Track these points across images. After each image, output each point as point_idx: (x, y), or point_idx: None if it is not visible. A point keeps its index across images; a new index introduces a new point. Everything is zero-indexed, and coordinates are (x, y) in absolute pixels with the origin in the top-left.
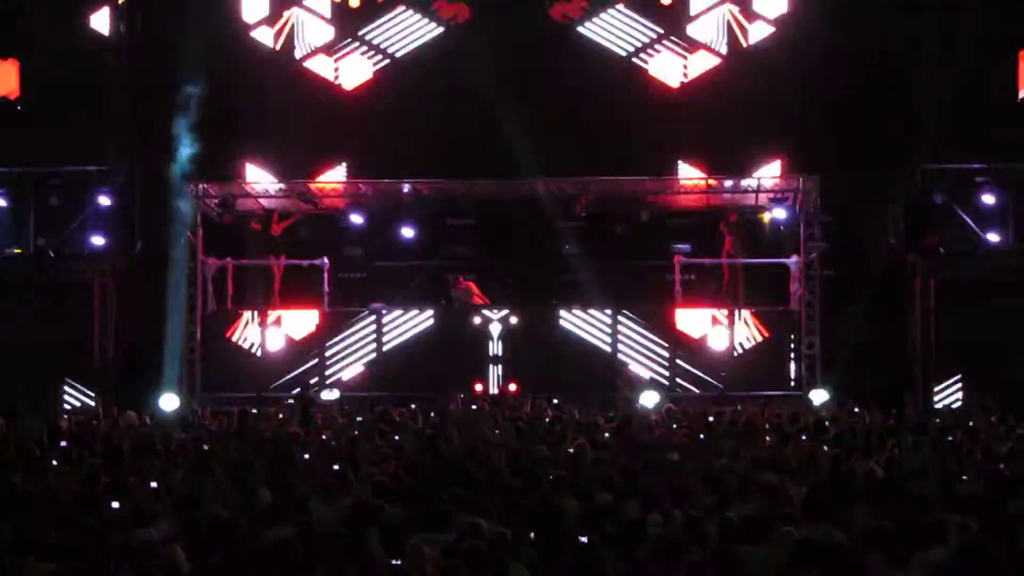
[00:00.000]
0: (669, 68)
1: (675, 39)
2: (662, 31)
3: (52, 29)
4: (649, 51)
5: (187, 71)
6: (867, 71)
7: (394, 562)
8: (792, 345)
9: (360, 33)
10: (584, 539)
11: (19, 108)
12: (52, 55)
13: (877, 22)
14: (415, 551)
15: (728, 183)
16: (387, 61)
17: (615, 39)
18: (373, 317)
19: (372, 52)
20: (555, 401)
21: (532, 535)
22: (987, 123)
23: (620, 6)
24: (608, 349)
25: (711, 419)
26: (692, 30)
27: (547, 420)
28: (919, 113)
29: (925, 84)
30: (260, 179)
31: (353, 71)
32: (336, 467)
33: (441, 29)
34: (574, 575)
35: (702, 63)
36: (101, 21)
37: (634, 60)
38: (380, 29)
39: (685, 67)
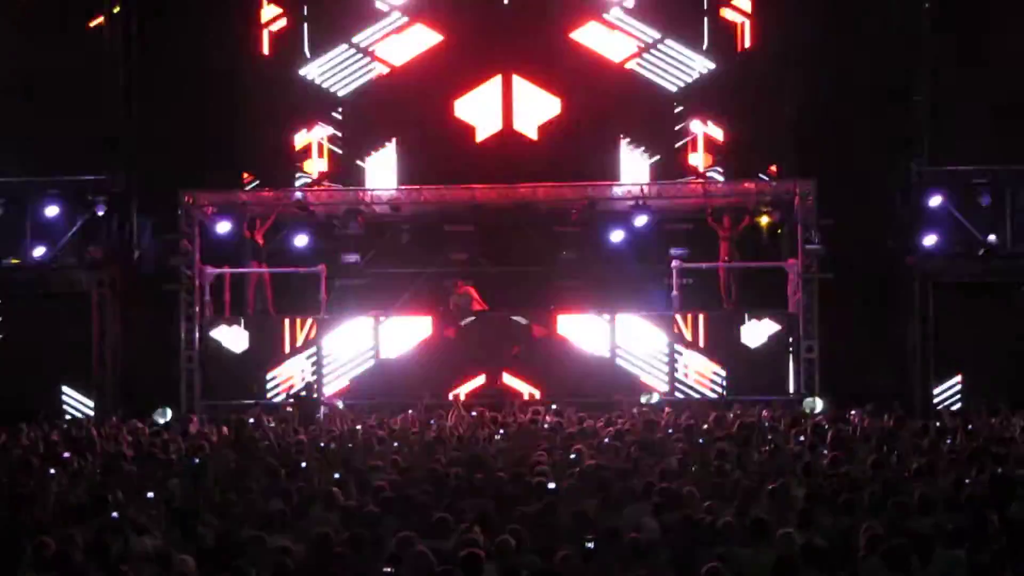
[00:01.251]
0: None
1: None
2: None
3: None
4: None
5: (183, 79)
6: (865, 72)
7: (387, 570)
8: (791, 349)
9: (355, 41)
10: (582, 545)
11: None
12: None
13: (877, 26)
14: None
15: (725, 187)
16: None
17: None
18: (372, 323)
19: (365, 58)
20: (554, 406)
21: (531, 542)
22: (987, 124)
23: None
24: (607, 354)
25: (708, 423)
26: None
27: (545, 425)
28: (918, 114)
29: (925, 84)
30: (255, 187)
31: (348, 78)
32: (336, 475)
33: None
34: None
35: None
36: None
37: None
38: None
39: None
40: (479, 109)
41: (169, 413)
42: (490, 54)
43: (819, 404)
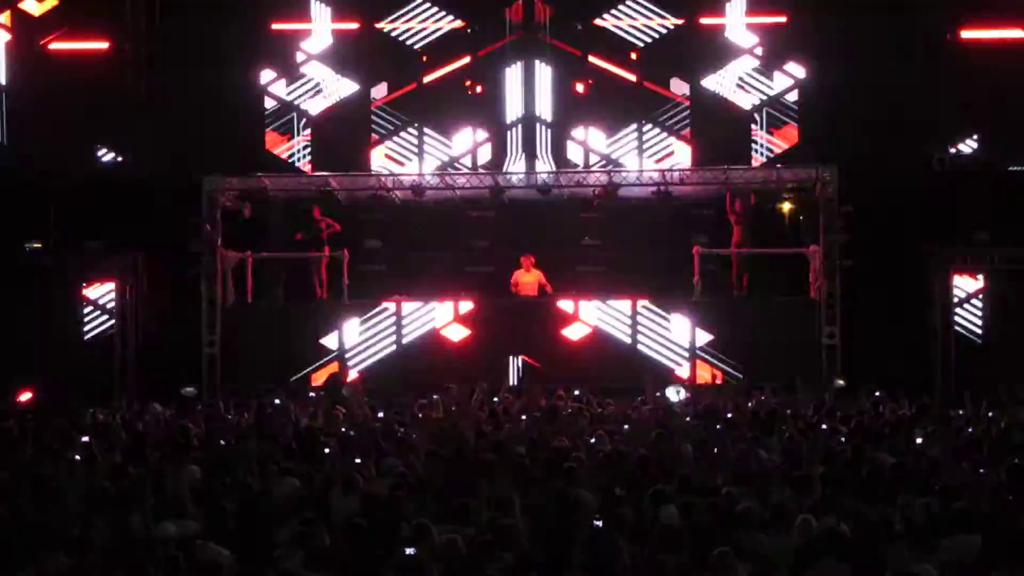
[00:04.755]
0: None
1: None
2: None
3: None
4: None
5: (208, 64)
6: (889, 59)
7: (409, 551)
8: (812, 336)
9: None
10: (600, 527)
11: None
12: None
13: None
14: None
15: (747, 173)
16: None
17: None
18: (391, 309)
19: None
20: (576, 392)
21: (550, 525)
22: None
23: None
24: (628, 340)
25: (730, 410)
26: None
27: (567, 411)
28: (940, 100)
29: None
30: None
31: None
32: (357, 460)
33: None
34: (590, 564)
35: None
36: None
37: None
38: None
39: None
40: None
41: (194, 392)
42: None
43: (843, 385)
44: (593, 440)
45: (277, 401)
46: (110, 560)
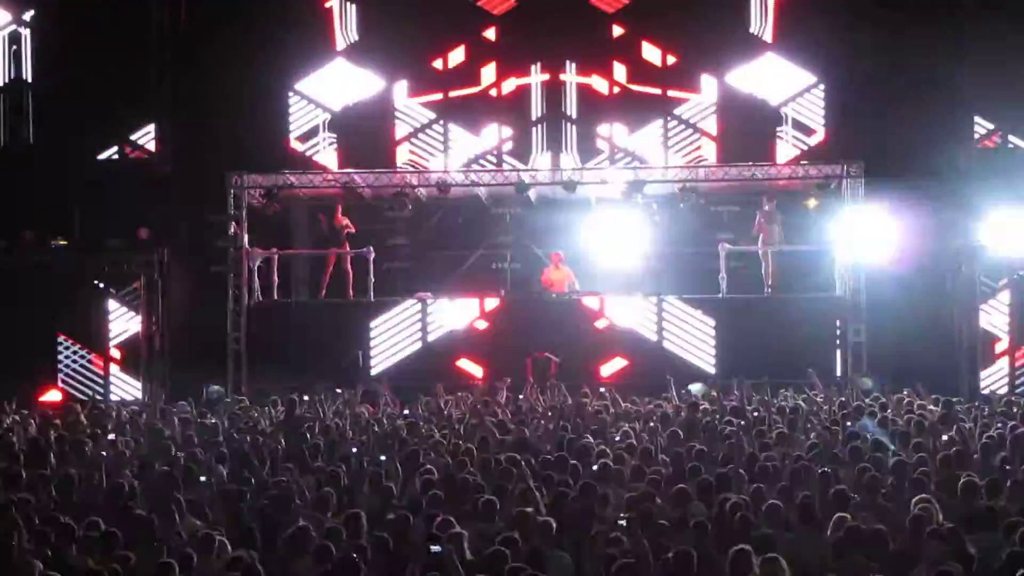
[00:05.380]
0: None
1: None
2: None
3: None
4: None
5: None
6: (914, 54)
7: (434, 548)
8: (839, 332)
9: None
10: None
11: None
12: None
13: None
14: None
15: (773, 169)
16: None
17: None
18: (419, 305)
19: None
20: (602, 390)
21: (576, 524)
22: None
23: None
24: (655, 337)
25: (758, 408)
26: None
27: (592, 409)
28: (965, 97)
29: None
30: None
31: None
32: (383, 457)
33: None
34: (615, 563)
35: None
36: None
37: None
38: None
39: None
40: None
41: (220, 391)
42: None
43: (870, 383)
44: (618, 438)
45: (306, 397)
46: (137, 558)
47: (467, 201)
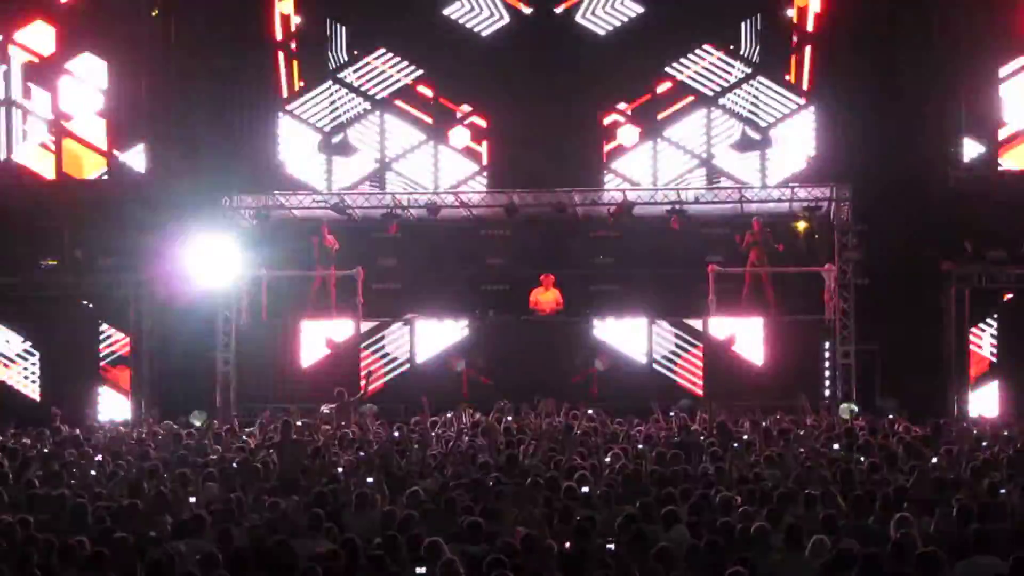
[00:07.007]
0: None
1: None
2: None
3: None
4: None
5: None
6: (902, 75)
7: (419, 570)
8: (827, 355)
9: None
10: (613, 548)
11: None
12: None
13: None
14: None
15: (761, 192)
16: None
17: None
18: (407, 327)
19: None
20: (590, 411)
21: (565, 545)
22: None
23: None
24: (644, 359)
25: (743, 428)
26: None
27: (580, 431)
28: (954, 117)
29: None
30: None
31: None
32: (370, 479)
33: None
34: None
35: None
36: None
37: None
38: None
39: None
40: None
41: (202, 416)
42: None
43: (854, 410)
44: (608, 459)
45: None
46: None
47: (457, 223)
